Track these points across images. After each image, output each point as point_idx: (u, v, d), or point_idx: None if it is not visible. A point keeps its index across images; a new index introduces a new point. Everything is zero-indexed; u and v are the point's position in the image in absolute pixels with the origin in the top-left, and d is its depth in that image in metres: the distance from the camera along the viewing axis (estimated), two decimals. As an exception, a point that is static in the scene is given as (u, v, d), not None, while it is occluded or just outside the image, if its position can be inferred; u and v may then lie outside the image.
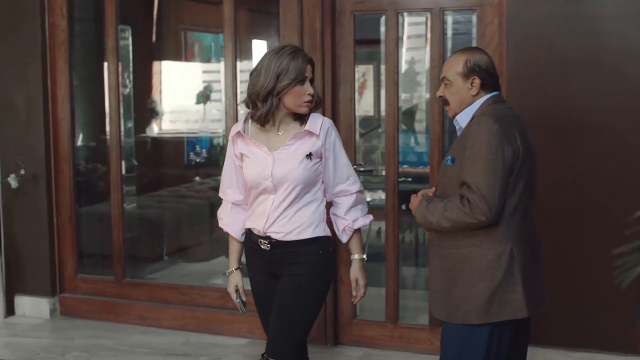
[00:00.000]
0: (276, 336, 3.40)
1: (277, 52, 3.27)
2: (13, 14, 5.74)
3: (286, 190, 3.30)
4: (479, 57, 3.22)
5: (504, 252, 3.09)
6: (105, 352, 5.12)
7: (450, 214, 3.06)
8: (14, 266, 5.91)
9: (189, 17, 8.75)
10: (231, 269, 3.51)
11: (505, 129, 3.07)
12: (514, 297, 3.10)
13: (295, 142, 3.30)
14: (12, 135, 5.82)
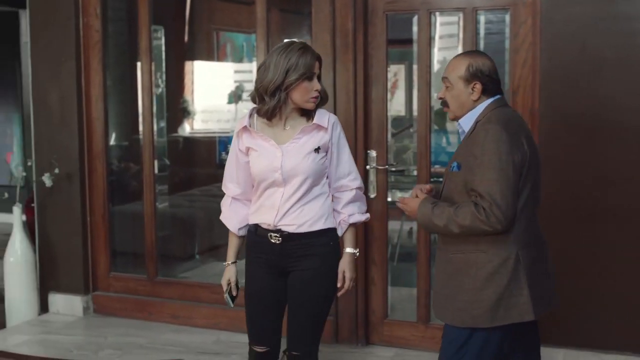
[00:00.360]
0: (298, 331, 3.49)
1: (286, 48, 3.32)
2: (48, 14, 5.79)
3: (297, 183, 3.35)
4: (482, 62, 3.22)
5: (509, 256, 3.12)
6: (137, 350, 5.15)
7: (462, 220, 3.07)
8: (48, 264, 5.97)
9: (221, 17, 8.78)
10: (227, 262, 3.55)
11: (513, 135, 3.09)
12: (520, 301, 3.13)
13: (303, 136, 3.36)
14: (47, 134, 5.87)
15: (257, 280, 3.48)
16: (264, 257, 3.46)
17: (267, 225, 3.42)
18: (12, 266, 5.80)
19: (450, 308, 3.23)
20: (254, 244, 3.49)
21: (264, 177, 3.37)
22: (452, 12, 6.60)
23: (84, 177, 5.84)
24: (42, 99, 5.88)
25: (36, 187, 5.94)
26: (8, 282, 5.83)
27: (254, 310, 3.53)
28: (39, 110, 5.92)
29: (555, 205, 4.54)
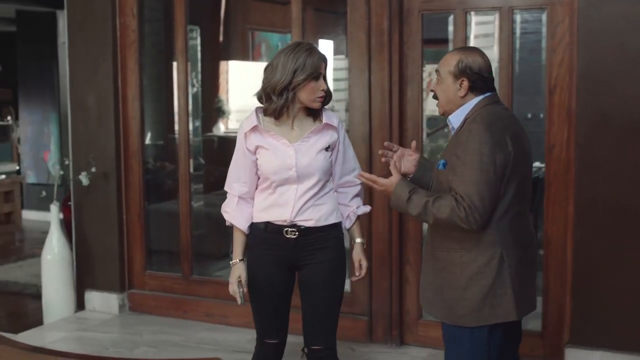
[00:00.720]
0: (319, 324, 3.59)
1: (293, 48, 3.39)
2: (85, 15, 5.85)
3: (311, 180, 3.46)
4: (473, 59, 3.21)
5: (493, 256, 3.14)
6: (172, 348, 5.18)
7: (439, 213, 3.09)
8: (84, 262, 6.03)
9: (256, 17, 8.81)
10: (236, 259, 3.57)
11: (496, 135, 3.09)
12: (504, 301, 3.16)
13: (312, 135, 3.46)
14: (84, 133, 5.93)
15: (267, 275, 3.54)
16: (274, 253, 3.52)
17: (283, 221, 3.49)
18: (49, 264, 5.85)
19: (439, 305, 3.28)
20: (263, 240, 3.54)
21: (277, 175, 3.44)
22: (487, 12, 6.56)
23: (120, 176, 5.88)
24: (79, 99, 5.94)
25: (73, 185, 6.00)
26: (45, 280, 5.89)
27: (265, 303, 3.58)
28: (76, 110, 5.97)
29: (594, 206, 4.51)
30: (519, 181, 3.17)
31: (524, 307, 3.25)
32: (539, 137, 7.97)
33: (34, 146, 10.83)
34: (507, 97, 4.75)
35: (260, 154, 3.46)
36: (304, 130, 3.47)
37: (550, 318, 4.79)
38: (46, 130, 10.72)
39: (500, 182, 3.09)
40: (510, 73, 4.76)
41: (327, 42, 8.78)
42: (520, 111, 7.86)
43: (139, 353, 5.10)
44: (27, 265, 7.95)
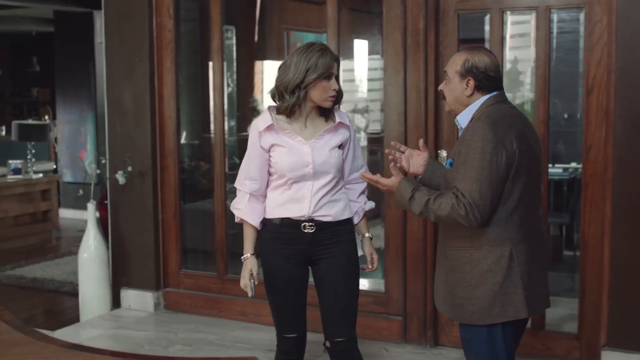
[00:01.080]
0: (341, 316, 3.65)
1: (306, 49, 3.49)
2: (122, 15, 5.89)
3: (326, 177, 3.55)
4: (479, 58, 3.25)
5: (503, 254, 3.17)
6: (207, 347, 5.20)
7: (440, 211, 3.15)
8: (120, 260, 6.07)
9: (291, 17, 8.82)
10: (247, 254, 3.64)
11: (500, 134, 3.11)
12: (515, 299, 3.18)
13: (326, 134, 3.56)
14: (120, 132, 5.97)
15: (284, 269, 3.60)
16: (290, 247, 3.59)
17: (300, 216, 3.56)
18: (86, 262, 5.90)
19: (450, 303, 3.32)
20: (279, 236, 3.60)
21: (294, 172, 3.52)
22: (523, 11, 6.52)
23: (156, 175, 5.92)
24: (116, 98, 5.98)
25: (110, 184, 6.04)
26: (82, 278, 5.94)
27: (284, 298, 3.65)
28: (113, 109, 6.02)
29: (631, 207, 4.46)
30: (526, 179, 3.19)
31: (535, 304, 3.27)
32: (575, 137, 7.91)
33: (70, 145, 10.93)
34: (544, 98, 4.72)
35: (276, 151, 3.53)
36: (316, 128, 3.56)
37: (587, 320, 4.75)
38: (83, 129, 10.82)
39: (503, 181, 3.12)
40: (546, 73, 4.72)
41: (362, 41, 8.77)
42: (557, 111, 7.82)
43: (174, 351, 5.12)
44: (63, 263, 8.03)
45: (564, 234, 7.20)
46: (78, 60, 10.66)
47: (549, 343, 4.86)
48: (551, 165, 6.39)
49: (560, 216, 7.08)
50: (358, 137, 9.35)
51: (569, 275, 6.49)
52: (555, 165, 7.40)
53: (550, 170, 5.07)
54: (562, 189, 7.16)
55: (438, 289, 3.41)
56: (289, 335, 3.69)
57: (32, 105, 15.64)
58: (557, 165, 7.45)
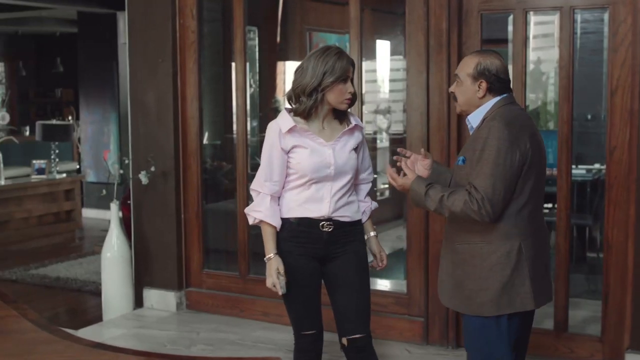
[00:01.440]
0: (358, 313, 3.70)
1: (323, 52, 3.55)
2: (146, 16, 5.92)
3: (345, 178, 3.64)
4: (490, 61, 3.36)
5: (512, 248, 3.28)
6: (229, 347, 5.21)
7: (454, 207, 3.26)
8: (143, 260, 6.10)
9: (313, 18, 8.83)
10: (270, 254, 3.64)
11: (515, 133, 3.23)
12: (522, 291, 3.30)
13: (343, 136, 3.64)
14: (143, 133, 6.00)
15: (302, 267, 3.65)
16: (307, 246, 3.64)
17: (320, 216, 3.62)
18: (109, 261, 5.93)
19: (458, 296, 3.41)
20: (296, 235, 3.64)
21: (316, 172, 3.57)
22: (546, 12, 6.49)
23: (178, 175, 5.94)
24: (139, 99, 6.01)
25: (133, 184, 6.07)
26: (105, 277, 5.97)
27: (303, 295, 3.69)
28: (136, 110, 6.05)
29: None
30: (536, 178, 3.31)
31: (541, 297, 3.39)
32: (599, 138, 7.86)
33: (94, 145, 10.99)
34: (568, 98, 4.69)
35: (297, 153, 3.58)
36: (334, 131, 3.63)
37: (610, 322, 4.72)
38: (106, 129, 10.88)
39: (516, 178, 3.23)
40: (570, 73, 4.70)
41: (384, 42, 8.77)
42: (580, 112, 7.77)
43: (196, 351, 5.14)
44: (86, 262, 8.08)
45: (587, 235, 7.16)
46: (101, 61, 10.72)
47: (572, 345, 4.83)
48: (575, 167, 6.36)
49: (584, 217, 7.05)
50: (380, 137, 9.37)
51: (592, 277, 6.45)
52: (579, 167, 7.36)
53: (573, 171, 5.04)
54: (586, 190, 7.12)
55: (443, 283, 3.51)
56: (307, 332, 3.74)
57: (55, 105, 15.74)
58: (581, 167, 7.41)
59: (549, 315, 4.98)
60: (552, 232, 6.37)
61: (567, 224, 4.81)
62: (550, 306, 4.96)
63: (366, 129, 5.52)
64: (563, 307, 4.84)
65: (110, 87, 10.68)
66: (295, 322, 3.76)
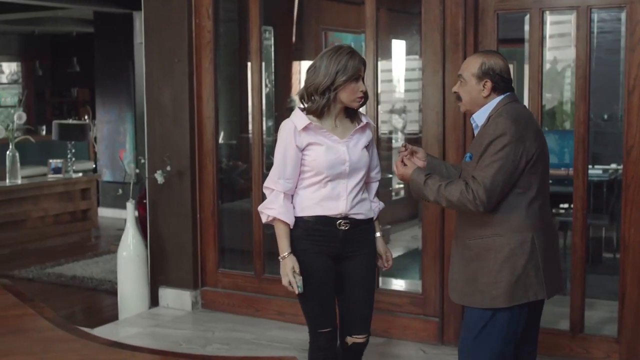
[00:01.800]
0: (366, 313, 3.79)
1: (335, 51, 3.60)
2: (162, 16, 5.93)
3: (359, 175, 3.68)
4: (494, 61, 3.45)
5: (525, 240, 3.36)
6: (244, 346, 5.22)
7: (451, 197, 3.35)
8: (158, 259, 6.12)
9: (329, 17, 8.83)
10: (285, 253, 3.65)
11: (521, 129, 3.33)
12: (535, 281, 3.39)
13: (356, 134, 3.68)
14: (159, 133, 6.02)
15: (319, 265, 3.67)
16: (323, 245, 3.66)
17: (337, 214, 3.66)
18: (125, 260, 5.95)
19: (470, 291, 3.46)
20: (312, 233, 3.66)
21: (331, 169, 3.60)
22: (562, 11, 6.47)
23: (194, 175, 5.95)
24: (155, 99, 6.03)
25: (148, 184, 6.09)
26: (121, 276, 5.99)
27: (320, 294, 3.71)
28: (152, 109, 6.06)
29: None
30: (542, 173, 3.41)
31: (553, 287, 3.47)
32: (616, 138, 7.82)
33: (110, 145, 11.03)
34: (584, 98, 4.67)
35: (312, 150, 3.61)
36: (346, 129, 3.67)
37: (627, 323, 4.70)
38: (122, 129, 10.92)
39: (519, 173, 3.32)
40: (587, 73, 4.68)
41: (400, 42, 8.76)
42: (597, 112, 7.74)
43: (211, 350, 5.16)
44: (102, 261, 8.11)
45: (604, 235, 7.13)
46: (117, 61, 10.75)
47: (587, 346, 4.81)
48: (591, 167, 6.34)
49: (600, 218, 7.02)
50: (395, 137, 9.36)
51: (609, 277, 6.42)
52: (595, 167, 7.33)
53: (590, 171, 5.02)
54: (602, 190, 7.09)
55: (454, 281, 3.57)
56: (324, 330, 3.75)
57: (72, 105, 15.80)
58: (597, 167, 7.38)
59: (565, 316, 4.97)
60: (568, 232, 6.37)
61: (584, 224, 4.79)
62: (566, 307, 4.96)
63: (382, 129, 5.52)
64: (579, 307, 4.83)
65: (126, 87, 10.71)
66: (312, 320, 3.76)
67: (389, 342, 5.22)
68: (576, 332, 4.83)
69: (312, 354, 3.82)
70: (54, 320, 2.90)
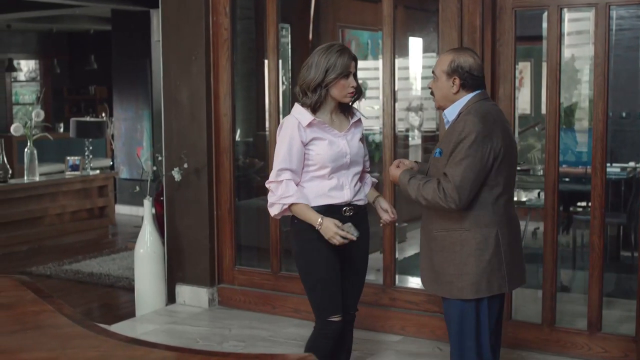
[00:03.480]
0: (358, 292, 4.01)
1: (326, 49, 3.74)
2: (179, 13, 5.95)
3: (357, 166, 3.87)
4: (464, 59, 3.57)
5: (490, 235, 3.52)
6: (260, 343, 5.23)
7: (426, 194, 3.51)
8: (175, 256, 6.13)
9: (346, 15, 8.82)
10: (319, 219, 3.71)
11: (488, 127, 3.46)
12: (499, 275, 3.55)
13: (352, 128, 3.86)
14: (177, 129, 6.03)
15: (329, 255, 3.79)
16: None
17: (343, 202, 3.82)
18: (142, 257, 5.97)
19: (439, 281, 3.64)
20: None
21: (335, 162, 3.76)
22: (580, 9, 6.44)
23: (211, 172, 5.96)
24: (172, 96, 6.04)
25: (166, 181, 6.10)
26: (138, 273, 6.01)
27: (330, 281, 3.82)
28: (169, 107, 6.08)
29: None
30: (508, 170, 3.55)
31: (515, 281, 3.66)
32: (634, 136, 7.79)
33: (127, 142, 11.07)
34: (603, 96, 4.65)
35: (316, 145, 3.75)
36: (342, 123, 3.84)
37: (645, 322, 4.68)
38: (139, 126, 10.95)
39: (488, 170, 3.46)
40: (605, 71, 4.65)
41: (417, 39, 8.74)
42: (615, 109, 7.70)
43: (228, 347, 5.17)
44: (119, 258, 8.13)
45: (622, 234, 7.09)
46: (135, 58, 10.79)
47: (605, 345, 4.79)
48: (609, 165, 6.30)
49: (618, 216, 6.98)
50: (412, 134, 9.35)
51: (627, 276, 6.40)
52: (613, 165, 7.30)
53: (608, 169, 4.99)
54: (620, 188, 7.06)
55: (424, 270, 3.75)
56: (334, 318, 3.84)
57: (89, 102, 15.87)
58: (615, 165, 7.34)
59: (583, 315, 4.95)
60: (586, 230, 6.34)
61: (602, 222, 4.77)
62: (583, 305, 4.94)
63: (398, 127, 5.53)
64: (597, 306, 4.80)
65: (143, 84, 10.74)
66: (322, 308, 3.86)
67: (405, 340, 5.21)
68: (594, 331, 4.81)
69: (316, 342, 3.89)
70: (73, 317, 2.91)
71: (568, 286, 6.51)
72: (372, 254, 3.94)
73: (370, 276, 6.32)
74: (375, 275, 5.79)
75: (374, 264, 6.03)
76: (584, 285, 5.99)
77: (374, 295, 5.41)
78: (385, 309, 5.38)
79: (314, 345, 3.87)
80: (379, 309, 5.39)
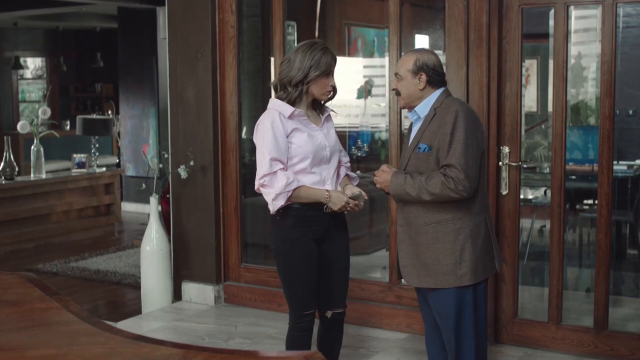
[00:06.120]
0: (343, 289, 4.06)
1: (310, 47, 3.83)
2: (185, 11, 5.95)
3: (335, 159, 3.96)
4: (427, 57, 3.70)
5: (480, 221, 3.68)
6: (266, 340, 5.23)
7: (433, 189, 3.56)
8: (181, 254, 6.14)
9: (352, 13, 8.81)
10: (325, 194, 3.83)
11: (474, 118, 3.67)
12: (489, 258, 3.72)
13: (326, 122, 3.97)
14: (183, 127, 6.04)
15: (308, 252, 3.88)
16: (311, 229, 3.88)
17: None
18: (148, 255, 5.98)
19: (434, 274, 3.67)
20: (301, 219, 3.86)
21: (315, 154, 3.84)
22: (588, 5, 6.42)
23: (217, 170, 5.97)
24: (178, 94, 6.04)
25: (172, 178, 6.11)
26: (144, 270, 6.02)
27: (308, 280, 3.91)
28: (175, 105, 6.08)
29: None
30: (482, 159, 3.69)
31: (499, 260, 3.81)
32: (641, 134, 7.75)
33: (133, 140, 11.09)
34: (609, 94, 4.64)
35: (296, 136, 3.83)
36: (316, 117, 3.94)
37: (652, 320, 4.67)
38: (145, 124, 10.96)
39: (480, 157, 3.63)
40: (612, 68, 4.64)
41: (423, 37, 8.71)
42: (622, 107, 7.69)
43: (234, 344, 5.17)
44: (126, 255, 8.15)
45: (628, 232, 7.08)
46: (141, 56, 10.80)
47: (612, 343, 4.79)
48: (615, 162, 6.29)
49: (625, 214, 6.97)
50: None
51: (633, 274, 6.39)
52: (620, 163, 7.28)
53: (614, 167, 4.98)
54: (627, 186, 7.04)
55: (409, 267, 3.76)
56: (309, 311, 3.95)
57: (95, 100, 15.89)
58: (622, 163, 7.33)
59: (589, 313, 4.94)
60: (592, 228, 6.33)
61: (608, 220, 4.76)
62: (590, 303, 4.93)
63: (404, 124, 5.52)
64: (603, 304, 4.80)
65: (149, 82, 10.75)
66: (297, 303, 3.95)
67: (412, 337, 5.21)
68: (600, 329, 4.81)
69: (294, 337, 3.98)
70: (79, 314, 2.92)
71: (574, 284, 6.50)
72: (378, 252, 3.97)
73: (377, 274, 6.35)
74: (382, 273, 5.78)
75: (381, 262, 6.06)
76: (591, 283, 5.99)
77: (380, 293, 5.41)
78: (391, 307, 5.38)
79: (295, 342, 3.96)
80: (386, 307, 5.39)
